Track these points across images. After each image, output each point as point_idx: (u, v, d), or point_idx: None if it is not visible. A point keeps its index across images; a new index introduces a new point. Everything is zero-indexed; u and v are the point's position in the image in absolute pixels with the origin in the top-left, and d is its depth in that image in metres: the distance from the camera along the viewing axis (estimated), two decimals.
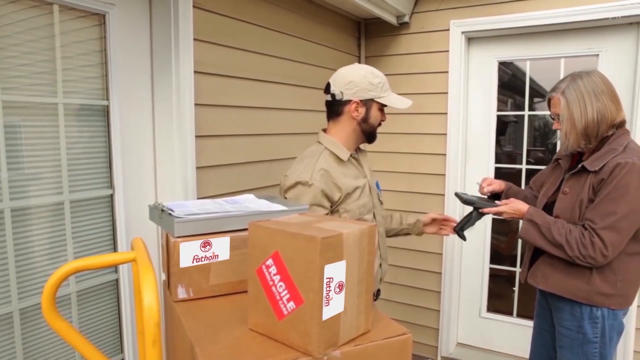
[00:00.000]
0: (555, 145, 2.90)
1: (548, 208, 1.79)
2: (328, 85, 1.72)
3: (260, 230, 0.92)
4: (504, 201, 1.83)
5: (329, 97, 1.72)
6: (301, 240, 0.84)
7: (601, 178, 1.60)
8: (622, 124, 1.68)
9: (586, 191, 1.64)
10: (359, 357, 0.89)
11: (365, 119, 1.70)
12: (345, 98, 1.67)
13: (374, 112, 1.71)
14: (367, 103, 1.68)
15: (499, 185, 2.03)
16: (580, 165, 1.68)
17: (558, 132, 1.80)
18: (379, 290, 1.92)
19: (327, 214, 1.62)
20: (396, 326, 0.96)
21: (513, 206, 1.80)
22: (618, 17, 2.38)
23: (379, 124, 1.76)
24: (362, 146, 1.86)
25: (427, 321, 3.08)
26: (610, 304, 1.68)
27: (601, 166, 1.61)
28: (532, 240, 1.73)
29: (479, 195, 2.01)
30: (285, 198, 1.64)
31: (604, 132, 1.66)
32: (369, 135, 1.76)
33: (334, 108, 1.72)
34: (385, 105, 1.72)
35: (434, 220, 2.04)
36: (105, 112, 1.74)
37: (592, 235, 1.59)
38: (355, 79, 1.66)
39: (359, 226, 0.92)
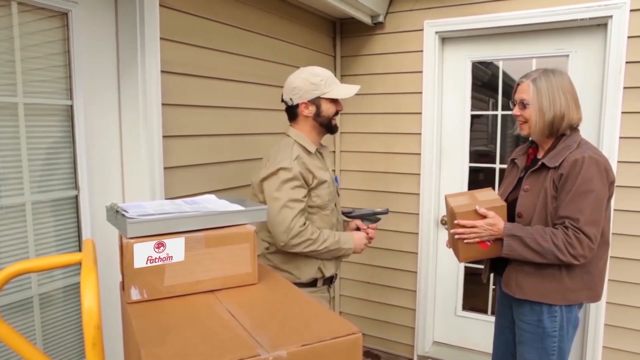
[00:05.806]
0: None
1: (508, 206, 1.79)
2: (282, 95, 1.90)
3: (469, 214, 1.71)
4: (482, 215, 1.70)
5: (284, 105, 1.91)
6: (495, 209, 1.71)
7: (561, 173, 1.65)
8: (578, 125, 1.75)
9: (547, 186, 1.67)
10: (306, 357, 0.89)
11: (317, 114, 1.86)
12: (294, 102, 1.85)
13: (325, 106, 1.85)
14: (315, 101, 1.83)
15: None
16: (539, 163, 1.71)
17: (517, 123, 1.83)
18: (336, 275, 1.99)
19: (305, 195, 1.79)
20: (347, 325, 0.96)
21: (489, 221, 1.69)
22: (586, 19, 2.41)
23: (336, 113, 1.89)
24: (323, 142, 2.00)
25: (403, 320, 3.10)
26: (582, 298, 1.70)
27: (560, 162, 1.65)
28: (519, 255, 1.65)
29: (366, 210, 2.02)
30: (263, 188, 1.79)
31: (564, 130, 1.71)
32: (327, 126, 1.90)
33: (290, 113, 1.91)
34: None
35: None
36: (70, 112, 1.71)
37: (576, 232, 1.59)
38: (298, 84, 1.83)
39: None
